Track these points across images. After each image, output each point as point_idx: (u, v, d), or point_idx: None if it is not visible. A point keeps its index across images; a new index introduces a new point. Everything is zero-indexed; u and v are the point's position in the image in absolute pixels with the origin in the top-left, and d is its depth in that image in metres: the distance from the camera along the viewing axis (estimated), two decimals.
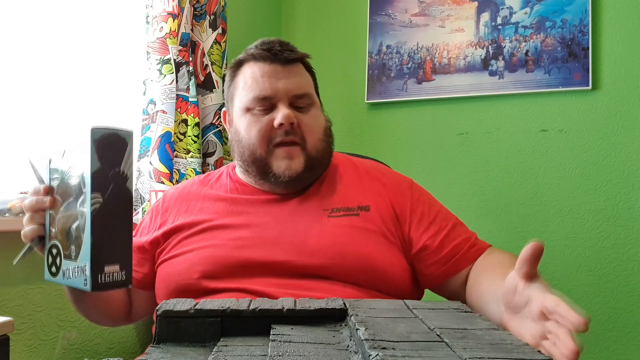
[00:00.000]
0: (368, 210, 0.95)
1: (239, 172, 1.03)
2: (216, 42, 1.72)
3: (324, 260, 0.87)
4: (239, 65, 1.01)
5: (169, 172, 1.53)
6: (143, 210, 1.53)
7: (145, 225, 1.04)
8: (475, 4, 2.02)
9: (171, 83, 1.56)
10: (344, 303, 0.61)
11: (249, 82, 0.96)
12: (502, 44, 1.96)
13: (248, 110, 0.95)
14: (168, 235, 0.97)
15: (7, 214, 1.20)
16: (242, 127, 0.96)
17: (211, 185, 1.04)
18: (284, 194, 0.98)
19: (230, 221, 0.94)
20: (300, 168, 0.93)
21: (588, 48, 1.82)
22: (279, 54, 0.95)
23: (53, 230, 0.71)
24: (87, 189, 0.62)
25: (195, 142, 1.61)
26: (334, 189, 0.99)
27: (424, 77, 2.07)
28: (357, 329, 0.49)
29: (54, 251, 0.70)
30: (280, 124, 0.91)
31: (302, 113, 0.96)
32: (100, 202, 0.61)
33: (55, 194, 0.71)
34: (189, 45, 1.63)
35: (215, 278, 0.87)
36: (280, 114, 0.92)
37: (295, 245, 0.89)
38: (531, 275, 0.64)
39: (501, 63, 1.95)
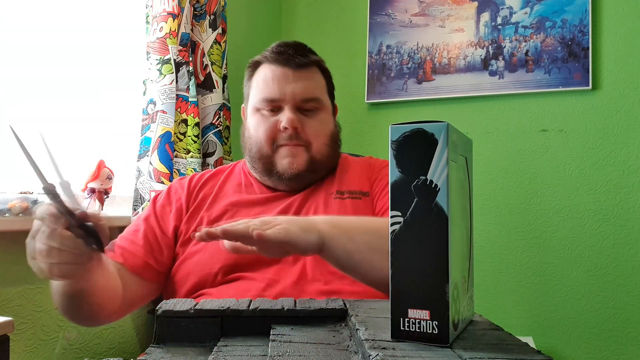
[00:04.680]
0: (368, 196, 0.99)
1: (250, 168, 1.07)
2: (216, 42, 1.72)
3: None
4: (256, 65, 1.04)
5: (169, 172, 1.53)
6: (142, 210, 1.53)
7: (162, 212, 1.01)
8: (475, 4, 2.01)
9: (171, 83, 1.56)
10: (344, 303, 0.61)
11: (260, 83, 1.00)
12: (502, 44, 1.96)
13: (258, 110, 1.00)
14: (189, 226, 0.98)
15: (7, 214, 1.20)
16: (252, 125, 1.01)
17: (224, 180, 1.06)
18: (292, 190, 1.01)
19: (247, 214, 0.97)
20: (302, 167, 0.97)
21: (588, 48, 1.82)
22: (291, 59, 0.99)
23: None
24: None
25: (195, 142, 1.61)
26: (339, 177, 1.04)
27: (424, 77, 2.07)
28: (357, 329, 0.49)
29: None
30: (285, 128, 0.96)
31: (308, 117, 0.99)
32: (400, 222, 0.46)
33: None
34: (189, 45, 1.63)
35: (234, 270, 0.90)
36: (285, 117, 0.96)
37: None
38: None
39: (501, 63, 1.95)
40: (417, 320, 0.45)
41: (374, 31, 2.17)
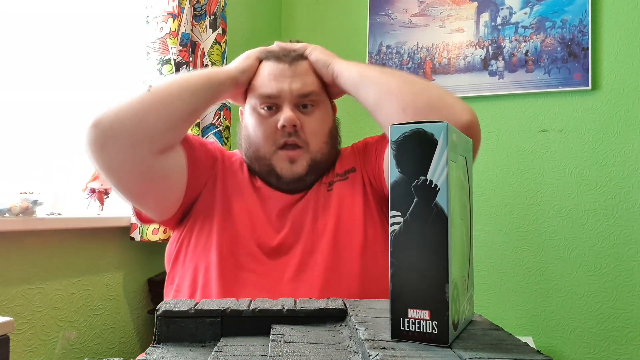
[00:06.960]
0: (355, 171, 1.01)
1: (248, 167, 1.05)
2: (216, 42, 1.72)
3: (327, 237, 0.92)
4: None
5: None
6: None
7: (206, 160, 1.00)
8: (475, 4, 2.01)
9: None
10: (344, 303, 0.61)
11: (258, 80, 0.99)
12: (502, 44, 1.96)
13: (255, 108, 0.99)
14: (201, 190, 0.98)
15: (7, 214, 1.20)
16: (250, 124, 0.99)
17: (234, 171, 1.04)
18: (296, 190, 1.01)
19: (249, 209, 0.97)
20: (302, 171, 0.96)
21: (588, 48, 1.82)
22: (285, 53, 0.99)
23: None
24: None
25: None
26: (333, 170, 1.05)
27: (424, 77, 2.07)
28: (357, 329, 0.49)
29: None
30: (283, 126, 0.94)
31: (307, 115, 0.98)
32: (400, 222, 0.46)
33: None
34: (189, 45, 1.63)
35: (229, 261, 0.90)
36: (283, 116, 0.94)
37: (303, 227, 0.94)
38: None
39: (501, 63, 1.95)
40: (417, 320, 0.45)
41: (374, 31, 2.17)
